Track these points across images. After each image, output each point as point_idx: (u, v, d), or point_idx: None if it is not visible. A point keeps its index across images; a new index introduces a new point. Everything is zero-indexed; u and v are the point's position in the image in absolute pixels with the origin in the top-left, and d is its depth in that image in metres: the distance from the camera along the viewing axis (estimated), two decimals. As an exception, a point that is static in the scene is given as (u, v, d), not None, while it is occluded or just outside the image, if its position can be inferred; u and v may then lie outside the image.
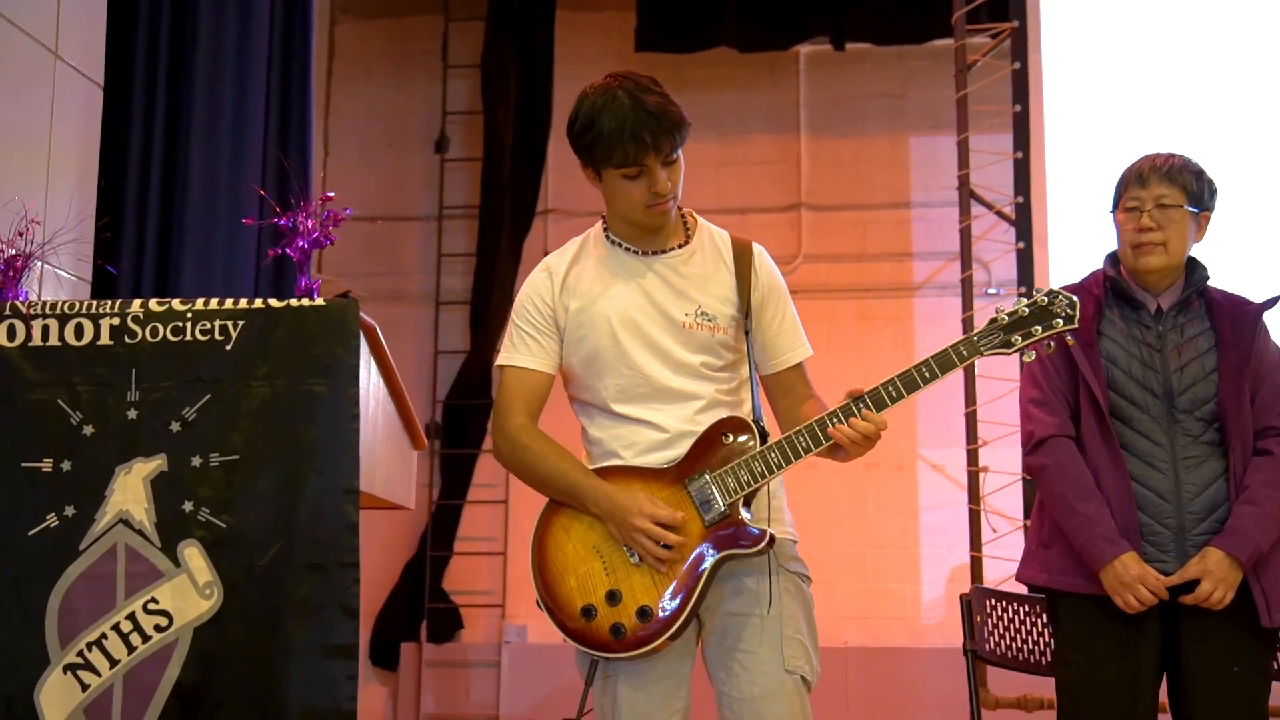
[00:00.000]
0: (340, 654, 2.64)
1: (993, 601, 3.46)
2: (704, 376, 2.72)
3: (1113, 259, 3.08)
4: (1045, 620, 3.32)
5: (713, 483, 2.62)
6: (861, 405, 2.57)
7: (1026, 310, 2.60)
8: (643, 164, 2.63)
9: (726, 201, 7.32)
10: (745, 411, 2.74)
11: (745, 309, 2.74)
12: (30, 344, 2.74)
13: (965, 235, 5.16)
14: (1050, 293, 2.61)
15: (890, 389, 2.57)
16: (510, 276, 7.29)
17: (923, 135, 7.37)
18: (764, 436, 2.65)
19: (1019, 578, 3.12)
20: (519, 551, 6.83)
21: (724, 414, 2.70)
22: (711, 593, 2.61)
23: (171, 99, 3.72)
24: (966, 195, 5.17)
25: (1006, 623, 3.46)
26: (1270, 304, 2.95)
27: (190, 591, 2.65)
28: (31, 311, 2.74)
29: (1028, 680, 4.81)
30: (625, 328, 2.71)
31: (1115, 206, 3.04)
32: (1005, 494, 5.07)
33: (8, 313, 2.75)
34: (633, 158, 2.62)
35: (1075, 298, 2.59)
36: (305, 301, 2.75)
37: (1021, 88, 5.11)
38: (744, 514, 2.61)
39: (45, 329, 2.74)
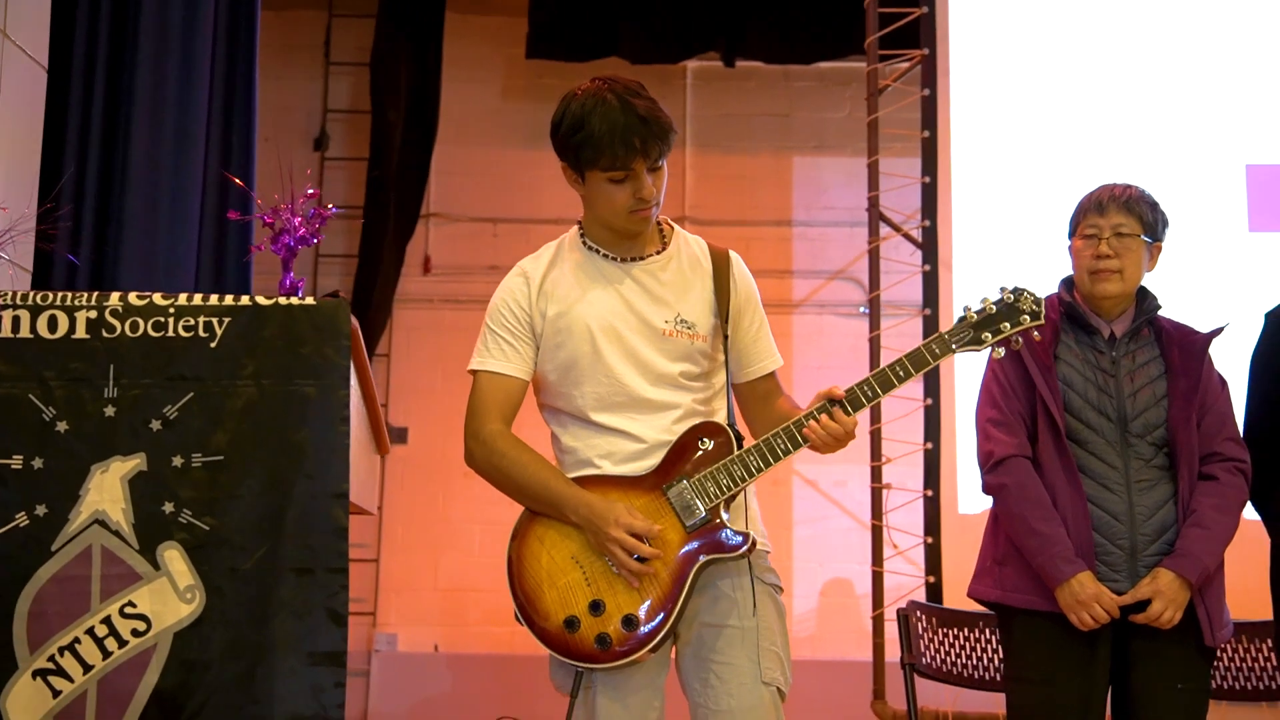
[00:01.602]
0: (327, 660, 2.59)
1: (928, 617, 3.57)
2: (681, 386, 2.73)
3: (1067, 284, 3.20)
4: (986, 636, 3.44)
5: (692, 488, 2.64)
6: (835, 406, 2.62)
7: (994, 308, 2.69)
8: (630, 168, 2.63)
9: (610, 212, 7.37)
10: (720, 419, 2.77)
11: (724, 316, 2.77)
12: (-1, 335, 2.62)
13: (874, 256, 5.30)
14: (1016, 290, 2.70)
15: (865, 389, 2.63)
16: (392, 279, 7.21)
17: (807, 155, 7.53)
18: (739, 441, 2.68)
19: (971, 594, 3.21)
20: (390, 559, 6.75)
21: (698, 422, 2.73)
22: (690, 603, 2.62)
23: (112, 84, 3.58)
24: (876, 217, 5.30)
25: (941, 638, 3.57)
26: (1215, 334, 3.12)
27: (170, 595, 2.57)
28: (0, 302, 2.62)
29: (925, 694, 4.98)
30: (605, 335, 2.71)
31: (1072, 234, 3.17)
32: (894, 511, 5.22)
33: (-26, 302, 2.62)
34: (621, 161, 2.62)
35: (1039, 295, 2.70)
36: (294, 300, 2.69)
37: (930, 114, 5.27)
38: (725, 518, 2.64)
39: (15, 320, 2.62)
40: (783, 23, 7.01)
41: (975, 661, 3.52)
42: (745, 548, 2.62)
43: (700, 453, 2.66)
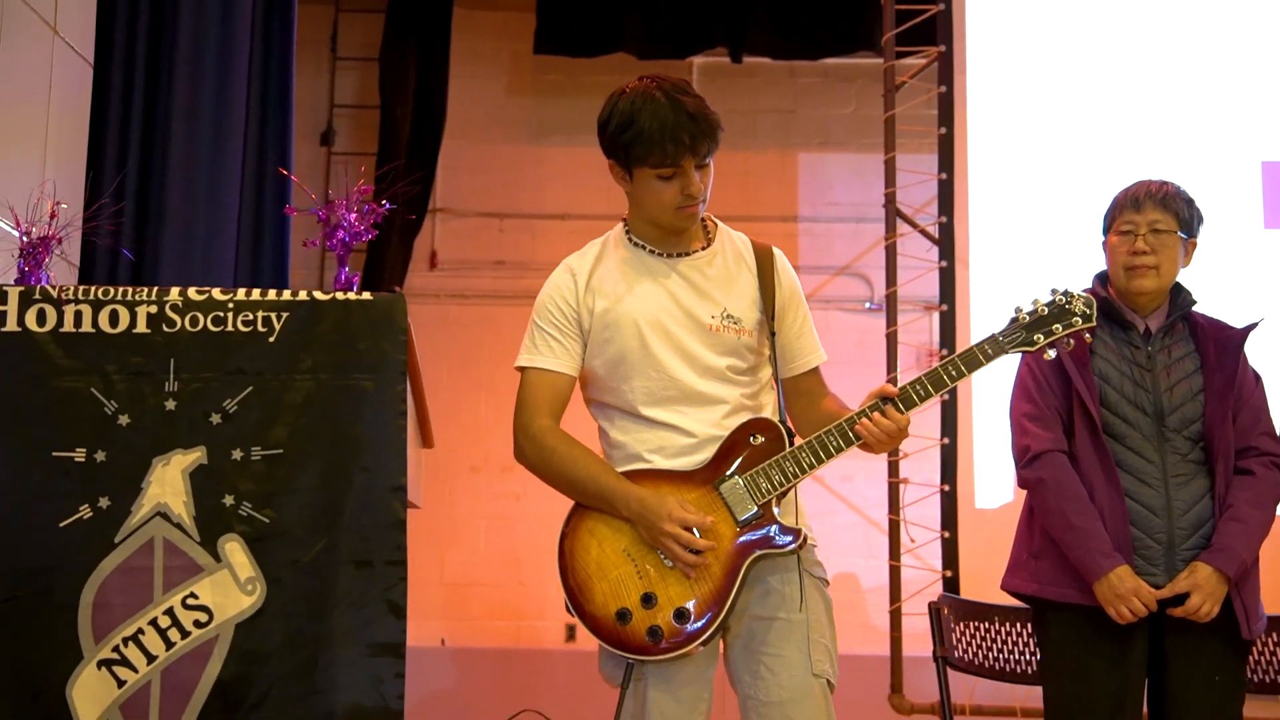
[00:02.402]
0: (387, 652, 2.62)
1: (959, 610, 3.61)
2: (729, 380, 2.76)
3: (1101, 280, 3.24)
4: (1018, 630, 3.48)
5: (744, 484, 2.67)
6: (889, 405, 2.67)
7: (1045, 309, 2.74)
8: (679, 165, 2.67)
9: (616, 207, 7.31)
10: (768, 414, 2.81)
11: (770, 312, 2.80)
12: (62, 329, 2.64)
13: (891, 252, 5.34)
14: (1066, 293, 2.75)
15: (918, 388, 2.67)
16: (399, 274, 7.22)
17: (812, 151, 7.56)
18: (790, 437, 2.72)
19: (1005, 587, 3.24)
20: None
21: (748, 418, 2.77)
22: (740, 596, 2.65)
23: (151, 79, 3.60)
24: (893, 213, 5.34)
25: (973, 632, 3.61)
26: (1251, 329, 3.16)
27: (231, 587, 2.60)
28: (63, 296, 2.64)
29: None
30: (653, 329, 2.74)
31: (1107, 229, 3.20)
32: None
33: (37, 297, 2.64)
34: (671, 158, 2.65)
35: (1091, 297, 2.74)
36: (351, 295, 2.72)
37: (947, 110, 5.31)
38: (776, 514, 2.68)
39: (78, 315, 2.65)
40: (789, 19, 7.04)
41: (1006, 655, 3.56)
42: (797, 544, 2.66)
43: (752, 448, 2.69)
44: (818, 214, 7.39)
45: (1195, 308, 3.20)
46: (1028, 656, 3.53)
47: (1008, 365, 2.78)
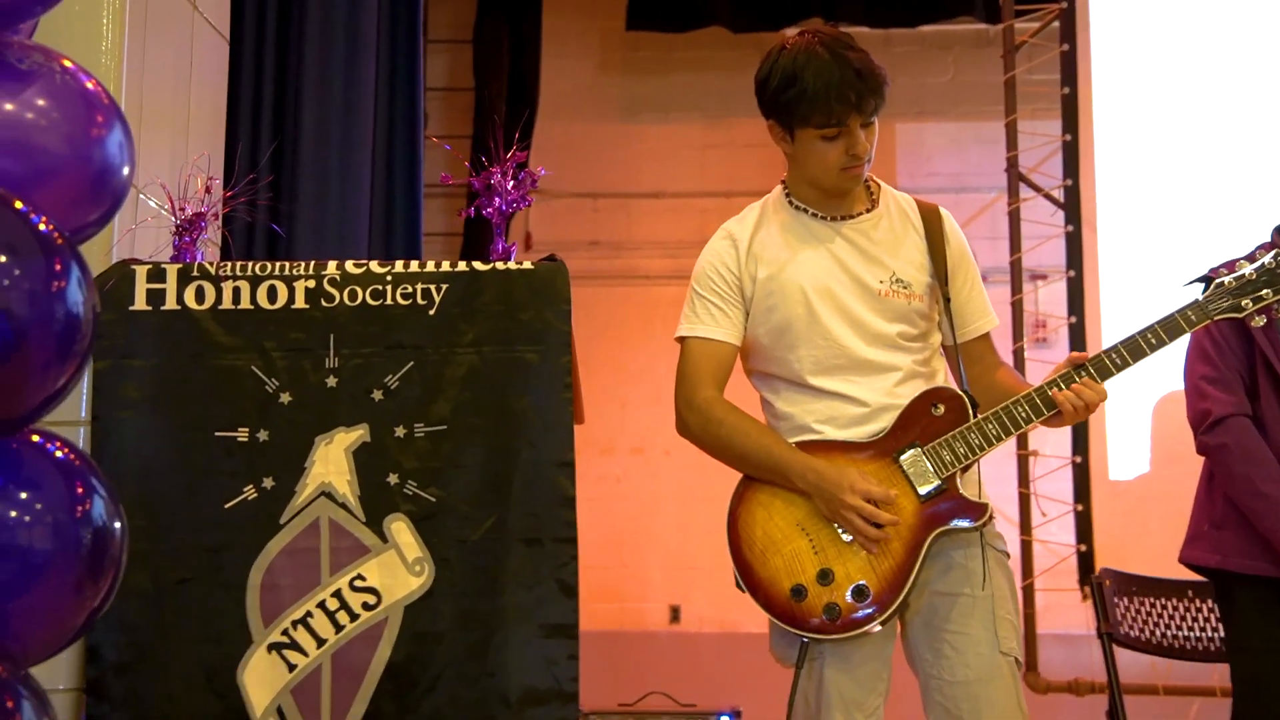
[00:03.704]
0: (560, 633, 2.53)
1: (1123, 585, 3.48)
2: (900, 348, 2.65)
3: None
4: (1194, 604, 3.34)
5: (926, 456, 2.56)
6: (1084, 373, 2.55)
7: (1254, 274, 2.59)
8: (845, 124, 2.55)
9: (711, 184, 7.29)
10: (943, 381, 2.69)
11: (942, 275, 2.68)
12: (220, 307, 2.57)
13: (1014, 218, 5.20)
14: (1278, 254, 2.60)
15: (1115, 356, 2.55)
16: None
17: (908, 122, 7.41)
18: (975, 407, 2.60)
19: (1184, 559, 3.10)
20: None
21: (921, 385, 2.65)
22: (921, 572, 2.54)
23: (280, 56, 3.55)
24: (1015, 178, 5.20)
25: (1138, 606, 3.48)
26: None
27: (399, 568, 2.52)
28: (221, 273, 2.57)
29: (1079, 665, 4.89)
30: (820, 296, 2.63)
31: None
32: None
33: (195, 274, 2.58)
34: (837, 117, 2.54)
35: None
36: (512, 265, 2.63)
37: (1070, 70, 5.15)
38: (960, 488, 2.57)
39: (236, 291, 2.58)
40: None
41: (1176, 630, 3.42)
42: (984, 520, 2.54)
43: (933, 419, 2.58)
44: (917, 185, 7.20)
45: None
46: (1208, 633, 3.39)
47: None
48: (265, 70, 3.52)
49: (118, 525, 1.94)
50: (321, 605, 2.50)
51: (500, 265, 2.64)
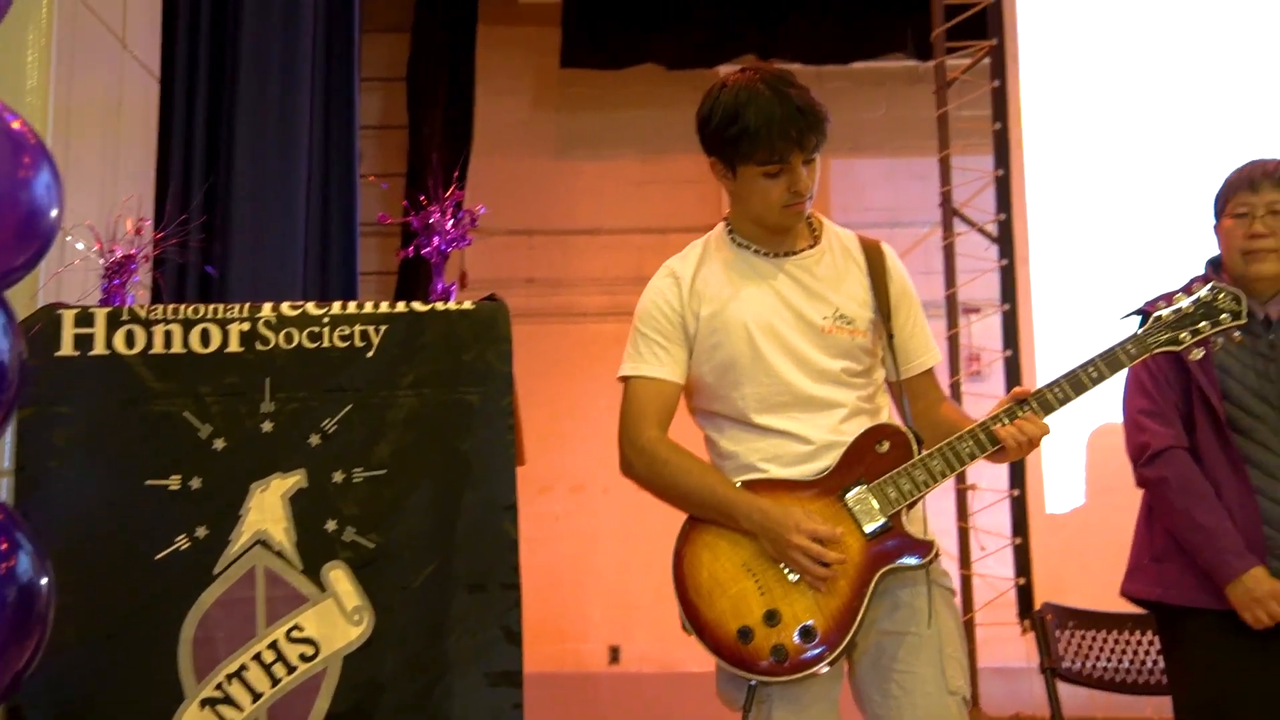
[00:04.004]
0: (505, 681, 2.47)
1: (1066, 619, 3.48)
2: (844, 384, 2.63)
3: (1214, 266, 3.10)
4: (1135, 637, 3.34)
5: (872, 493, 2.54)
6: (1026, 408, 2.55)
7: (1191, 307, 2.61)
8: (787, 161, 2.54)
9: (648, 220, 7.30)
10: (887, 417, 2.68)
11: (885, 311, 2.67)
12: (151, 351, 2.50)
13: (949, 252, 5.22)
14: (1214, 287, 2.61)
15: (1057, 391, 2.55)
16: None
17: (843, 157, 7.46)
18: (919, 443, 2.59)
19: (1125, 592, 3.09)
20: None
21: (866, 422, 2.63)
22: (868, 611, 2.52)
23: (214, 95, 3.48)
24: (949, 213, 5.24)
25: (1080, 640, 3.48)
26: None
27: (337, 617, 2.46)
28: (152, 316, 2.51)
29: (1019, 699, 4.90)
30: (764, 333, 2.61)
31: (1219, 214, 3.06)
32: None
33: (125, 318, 2.51)
34: (779, 154, 2.53)
35: (1239, 292, 2.61)
36: (452, 305, 2.59)
37: (1001, 105, 5.20)
38: (906, 525, 2.55)
39: (168, 335, 2.51)
40: (821, 23, 6.96)
41: (1117, 663, 3.43)
42: (930, 557, 2.53)
43: (877, 456, 2.56)
44: (852, 219, 7.17)
45: None
46: (1148, 665, 3.39)
47: (1074, 361, 2.65)
48: (197, 109, 3.45)
49: (44, 581, 1.87)
50: (257, 658, 2.43)
51: (440, 306, 2.60)
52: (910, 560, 2.53)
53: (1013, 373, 5.04)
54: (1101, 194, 5.10)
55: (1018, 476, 5.04)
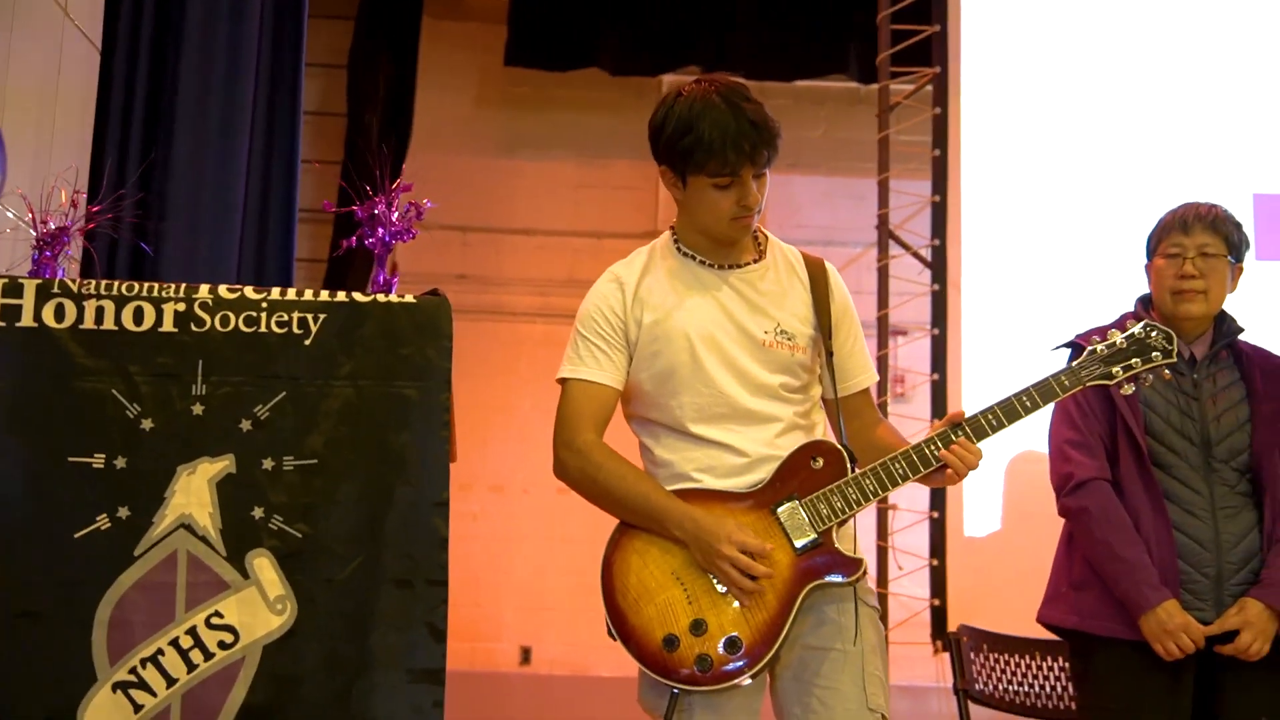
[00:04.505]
0: (427, 678, 2.45)
1: (980, 641, 3.52)
2: (782, 399, 2.65)
3: (1144, 304, 3.16)
4: (1047, 662, 3.38)
5: (804, 508, 2.55)
6: (960, 433, 2.58)
7: (1124, 343, 2.66)
8: (739, 174, 2.55)
9: (583, 224, 7.30)
10: (822, 434, 2.70)
11: (826, 329, 2.69)
12: (81, 326, 2.45)
13: (883, 274, 5.27)
14: (1147, 325, 2.67)
15: (991, 417, 2.58)
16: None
17: (780, 173, 7.48)
18: (853, 462, 2.61)
19: (1041, 619, 3.13)
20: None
21: (801, 438, 2.65)
22: (794, 625, 2.53)
23: (156, 70, 3.41)
24: (885, 235, 5.29)
25: (993, 663, 3.52)
26: None
27: (260, 606, 2.42)
28: (84, 291, 2.45)
29: (926, 717, 4.95)
30: (705, 344, 2.62)
31: (1152, 253, 3.12)
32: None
33: (56, 290, 2.45)
34: (731, 167, 2.54)
35: (1170, 331, 2.67)
36: (394, 297, 2.56)
37: (941, 132, 5.26)
38: (837, 542, 2.57)
39: (99, 310, 2.46)
40: (767, 40, 7.00)
41: (1028, 687, 3.47)
42: (858, 575, 2.55)
43: (812, 472, 2.58)
44: (787, 236, 7.17)
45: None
46: (1059, 691, 3.44)
47: (1000, 388, 2.70)
48: (138, 83, 3.37)
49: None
50: (174, 643, 2.39)
51: (381, 298, 2.57)
52: (838, 577, 2.55)
53: (939, 397, 5.09)
54: (1034, 225, 5.18)
55: (938, 498, 5.09)
